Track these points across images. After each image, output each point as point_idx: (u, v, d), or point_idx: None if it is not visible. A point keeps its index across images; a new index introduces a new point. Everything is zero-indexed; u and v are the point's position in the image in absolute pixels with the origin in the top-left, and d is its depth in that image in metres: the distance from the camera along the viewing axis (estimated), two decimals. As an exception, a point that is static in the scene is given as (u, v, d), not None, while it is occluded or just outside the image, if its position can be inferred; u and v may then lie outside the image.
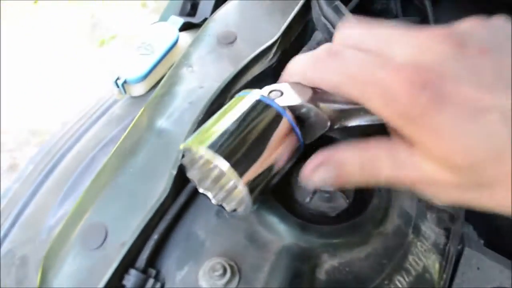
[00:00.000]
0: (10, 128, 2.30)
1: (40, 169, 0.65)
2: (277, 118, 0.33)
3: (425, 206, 0.45)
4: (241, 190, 0.32)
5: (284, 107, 0.34)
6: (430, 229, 0.43)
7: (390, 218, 0.42)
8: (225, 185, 0.35)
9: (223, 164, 0.31)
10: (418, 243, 0.42)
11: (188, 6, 0.84)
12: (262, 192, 0.34)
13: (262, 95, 0.35)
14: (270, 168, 0.34)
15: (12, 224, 0.61)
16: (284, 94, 0.35)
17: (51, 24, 2.68)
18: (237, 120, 0.33)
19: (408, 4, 0.75)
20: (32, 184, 0.64)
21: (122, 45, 2.68)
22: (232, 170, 0.31)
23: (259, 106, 0.34)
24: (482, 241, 0.54)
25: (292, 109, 0.34)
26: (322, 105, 0.34)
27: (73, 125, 0.71)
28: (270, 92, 0.36)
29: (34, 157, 0.72)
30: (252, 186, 0.32)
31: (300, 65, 0.35)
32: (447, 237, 0.44)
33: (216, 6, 0.80)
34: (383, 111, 0.29)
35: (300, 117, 0.35)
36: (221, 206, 0.36)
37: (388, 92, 0.28)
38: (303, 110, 0.34)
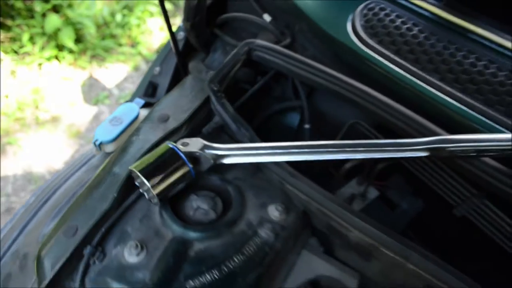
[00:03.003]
0: (8, 175, 2.58)
1: (40, 199, 0.98)
2: (177, 157, 0.70)
3: (265, 219, 0.76)
4: (153, 192, 0.68)
5: (184, 152, 0.70)
6: (265, 233, 0.74)
7: (238, 224, 0.74)
8: (146, 189, 0.70)
9: (144, 179, 0.67)
10: (254, 240, 0.73)
11: (150, 89, 1.19)
12: (164, 194, 0.70)
13: (173, 145, 0.71)
14: (170, 183, 0.69)
15: (19, 234, 0.93)
16: (189, 145, 0.71)
17: (53, 84, 3.03)
18: (157, 156, 0.70)
19: (298, 92, 1.10)
20: (34, 209, 0.96)
21: (114, 104, 3.01)
22: (147, 181, 0.67)
23: (170, 151, 0.70)
24: (322, 249, 0.84)
25: (189, 154, 0.70)
26: (207, 151, 0.70)
27: (63, 171, 1.04)
28: (183, 143, 0.73)
29: (28, 200, 1.04)
30: (158, 191, 0.68)
31: None
32: (276, 238, 0.75)
33: (168, 90, 1.15)
34: None
35: (195, 157, 0.71)
36: (150, 200, 0.72)
37: None
38: (196, 154, 0.71)
